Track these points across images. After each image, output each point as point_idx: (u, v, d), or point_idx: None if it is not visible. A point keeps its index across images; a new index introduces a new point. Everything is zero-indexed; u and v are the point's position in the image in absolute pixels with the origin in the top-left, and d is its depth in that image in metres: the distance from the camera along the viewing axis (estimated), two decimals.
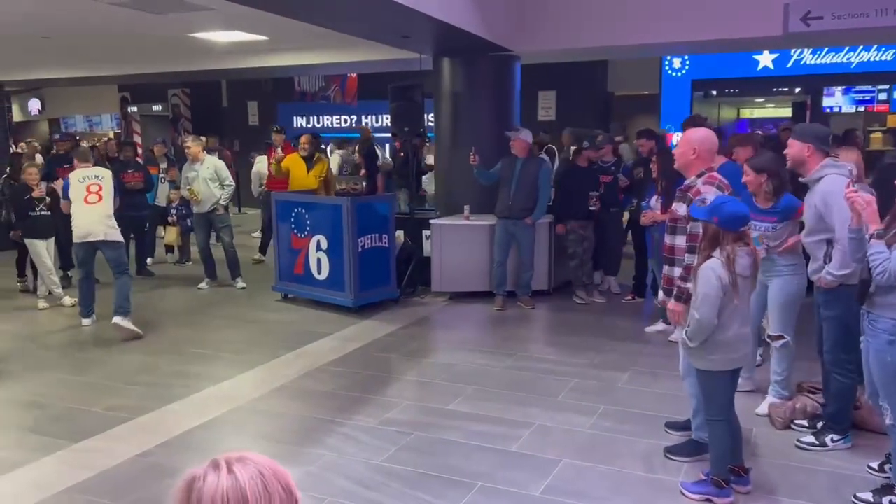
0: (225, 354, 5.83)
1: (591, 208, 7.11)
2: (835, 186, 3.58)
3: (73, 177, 6.49)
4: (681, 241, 3.75)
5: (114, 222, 6.44)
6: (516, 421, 4.39)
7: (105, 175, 6.59)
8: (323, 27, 6.67)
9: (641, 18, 7.42)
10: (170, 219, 9.32)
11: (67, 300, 7.33)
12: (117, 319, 6.16)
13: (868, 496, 3.34)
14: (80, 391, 5.03)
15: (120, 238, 6.49)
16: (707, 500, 3.39)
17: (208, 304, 7.56)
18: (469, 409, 4.59)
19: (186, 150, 8.20)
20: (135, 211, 8.56)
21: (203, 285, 8.16)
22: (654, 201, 5.87)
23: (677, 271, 3.74)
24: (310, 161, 8.35)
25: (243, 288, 8.07)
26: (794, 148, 3.84)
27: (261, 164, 11.03)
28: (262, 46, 9.79)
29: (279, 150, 9.09)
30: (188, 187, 8.03)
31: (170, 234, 9.52)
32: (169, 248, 9.76)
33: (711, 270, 3.19)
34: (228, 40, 9.18)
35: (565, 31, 7.74)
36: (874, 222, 3.10)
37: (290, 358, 5.70)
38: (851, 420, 3.99)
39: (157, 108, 17.24)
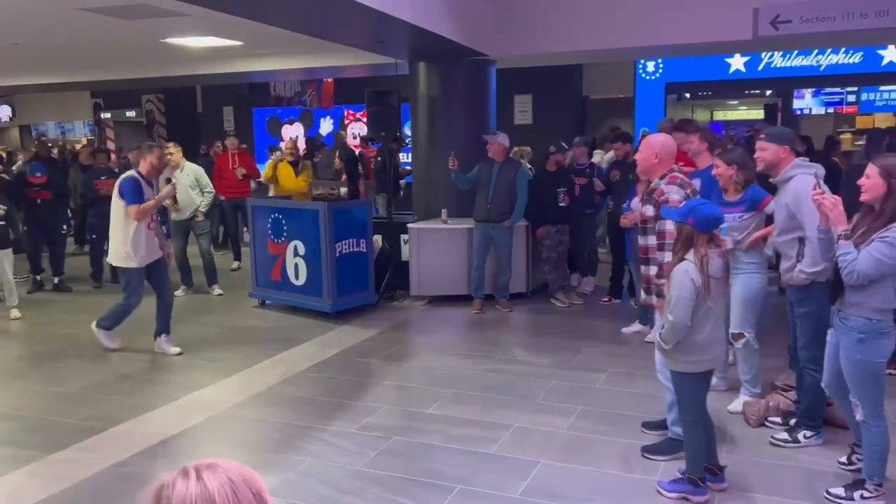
0: (202, 362, 5.78)
1: (561, 204, 7.15)
2: (805, 185, 3.66)
3: None
4: (652, 240, 3.87)
5: (116, 244, 5.81)
6: (495, 423, 4.40)
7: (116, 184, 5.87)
8: (297, 32, 6.66)
9: (615, 23, 7.51)
10: None
11: (15, 313, 7.17)
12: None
13: (840, 491, 3.40)
14: (54, 402, 4.95)
15: (121, 264, 5.81)
16: (684, 498, 3.43)
17: (185, 312, 7.47)
18: (448, 413, 4.60)
19: (169, 157, 8.10)
20: (108, 219, 8.48)
21: (179, 292, 8.07)
22: (636, 203, 5.93)
23: (653, 270, 3.85)
24: (296, 166, 8.55)
25: (220, 294, 8.02)
26: (771, 150, 3.89)
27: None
28: (237, 51, 9.75)
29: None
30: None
31: None
32: None
33: (685, 273, 3.23)
34: (202, 45, 9.13)
35: (540, 35, 7.80)
36: (842, 223, 3.17)
37: (269, 364, 5.67)
38: (824, 416, 4.06)
39: (130, 114, 17.07)
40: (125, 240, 5.69)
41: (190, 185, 7.92)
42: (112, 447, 4.17)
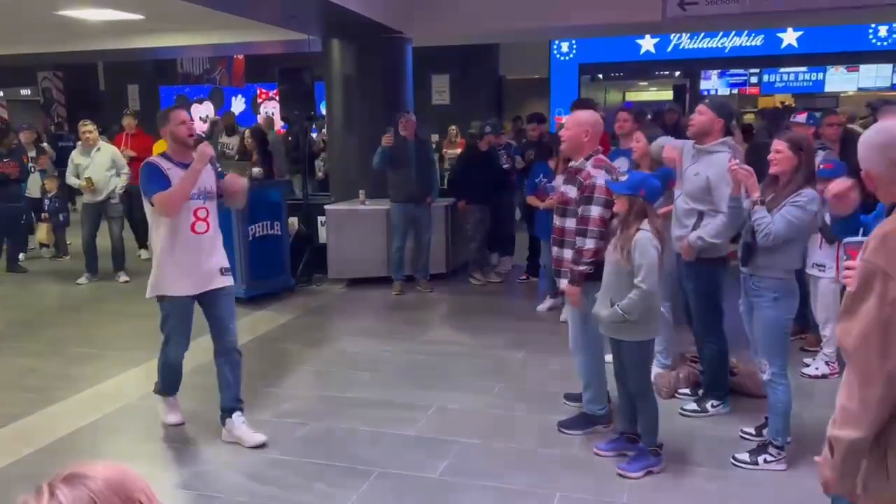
0: (108, 352, 5.52)
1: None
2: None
3: None
4: (571, 223, 3.78)
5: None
6: (415, 404, 4.38)
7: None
8: (203, 6, 6.37)
9: (530, 2, 7.53)
10: (43, 215, 8.71)
11: None
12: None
13: (745, 456, 3.56)
14: None
15: (151, 293, 4.04)
16: (648, 472, 3.47)
17: (90, 300, 7.14)
18: (367, 396, 4.55)
19: (88, 135, 7.62)
20: (12, 202, 8.04)
21: (82, 280, 7.70)
22: (559, 182, 5.99)
23: (567, 253, 3.80)
24: None
25: (126, 281, 7.68)
26: (707, 116, 3.87)
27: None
28: (140, 26, 9.28)
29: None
30: (87, 176, 7.51)
31: (40, 232, 8.87)
32: (43, 244, 9.13)
33: (648, 241, 3.30)
34: (101, 19, 8.64)
35: (455, 13, 7.76)
36: (755, 191, 3.40)
37: None
38: (728, 385, 4.22)
39: (25, 92, 16.12)
40: (155, 255, 4.02)
41: (107, 166, 7.59)
42: (8, 445, 3.92)
